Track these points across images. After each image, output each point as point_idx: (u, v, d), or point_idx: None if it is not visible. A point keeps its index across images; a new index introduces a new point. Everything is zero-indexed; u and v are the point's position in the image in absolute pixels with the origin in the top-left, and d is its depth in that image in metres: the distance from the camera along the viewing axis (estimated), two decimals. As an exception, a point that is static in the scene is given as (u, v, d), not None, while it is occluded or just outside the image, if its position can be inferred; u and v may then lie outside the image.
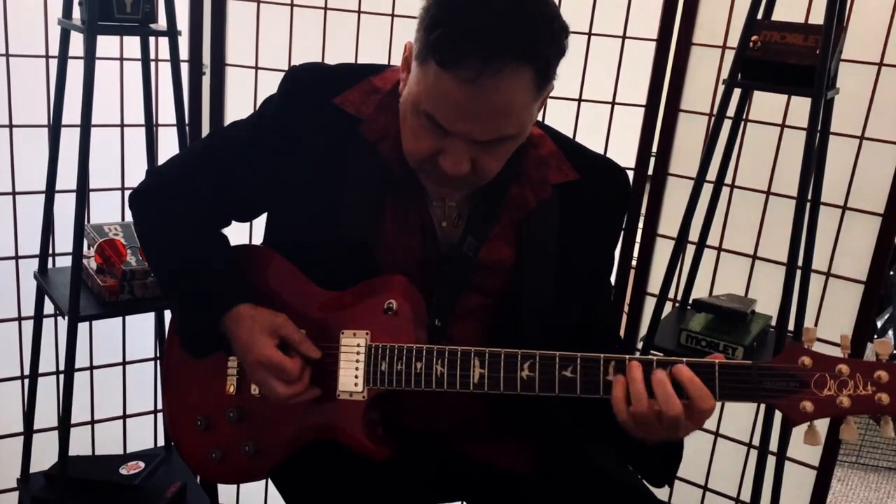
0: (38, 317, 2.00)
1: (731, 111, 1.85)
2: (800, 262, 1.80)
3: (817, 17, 1.78)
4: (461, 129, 1.13)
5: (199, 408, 1.36)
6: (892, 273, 3.32)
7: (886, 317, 3.48)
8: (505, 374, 1.18)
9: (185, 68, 2.04)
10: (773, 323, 1.94)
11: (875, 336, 3.16)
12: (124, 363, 2.23)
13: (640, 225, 2.16)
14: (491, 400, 1.22)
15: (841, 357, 1.12)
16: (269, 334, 1.24)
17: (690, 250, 2.04)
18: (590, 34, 2.04)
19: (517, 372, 1.17)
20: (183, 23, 2.01)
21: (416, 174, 1.25)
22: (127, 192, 2.12)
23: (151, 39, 1.98)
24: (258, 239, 1.46)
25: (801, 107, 1.87)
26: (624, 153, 1.99)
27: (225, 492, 2.23)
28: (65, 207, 1.92)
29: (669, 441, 1.18)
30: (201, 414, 1.36)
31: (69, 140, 1.82)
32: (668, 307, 2.02)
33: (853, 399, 1.11)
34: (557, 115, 1.90)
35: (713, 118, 1.90)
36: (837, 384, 1.11)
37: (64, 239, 2.00)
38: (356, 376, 1.24)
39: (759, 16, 1.78)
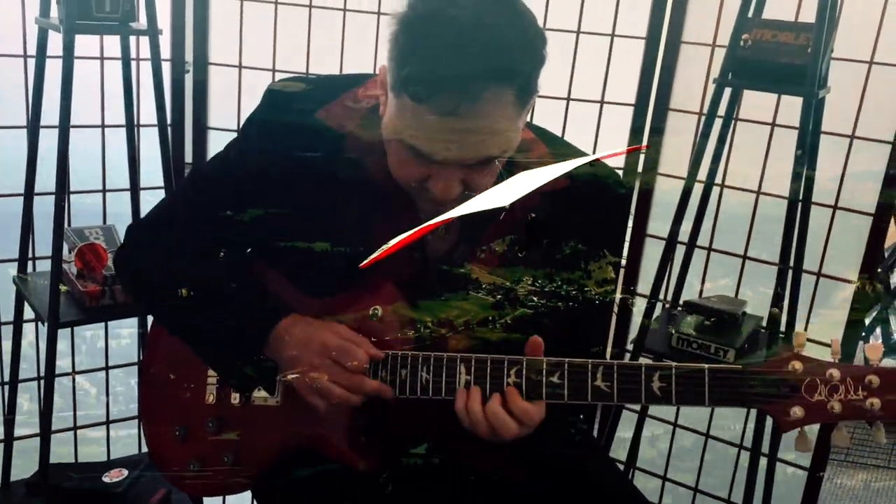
0: (18, 322, 1.97)
1: (721, 110, 1.83)
2: (791, 263, 1.79)
3: (808, 15, 1.76)
4: (446, 157, 1.10)
5: (177, 417, 1.33)
6: (879, 271, 3.31)
7: (874, 314, 3.48)
8: (491, 381, 1.16)
9: (167, 67, 2.01)
10: (765, 324, 1.92)
11: (864, 333, 3.15)
12: (107, 368, 2.20)
13: (630, 225, 2.14)
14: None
15: (832, 362, 1.11)
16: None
17: (680, 251, 2.02)
18: (578, 32, 2.02)
19: (504, 378, 1.16)
20: (165, 20, 1.97)
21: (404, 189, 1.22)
22: (108, 195, 2.09)
23: (133, 38, 1.95)
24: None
25: (790, 105, 1.85)
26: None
27: (210, 499, 2.19)
28: (44, 210, 1.88)
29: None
30: (180, 423, 1.32)
31: (48, 141, 1.79)
32: (658, 309, 2.00)
33: (844, 404, 1.09)
34: (545, 115, 1.88)
35: (703, 117, 1.88)
36: (828, 389, 1.09)
37: (44, 242, 1.95)
38: (340, 384, 1.22)
39: (750, 14, 1.75)
